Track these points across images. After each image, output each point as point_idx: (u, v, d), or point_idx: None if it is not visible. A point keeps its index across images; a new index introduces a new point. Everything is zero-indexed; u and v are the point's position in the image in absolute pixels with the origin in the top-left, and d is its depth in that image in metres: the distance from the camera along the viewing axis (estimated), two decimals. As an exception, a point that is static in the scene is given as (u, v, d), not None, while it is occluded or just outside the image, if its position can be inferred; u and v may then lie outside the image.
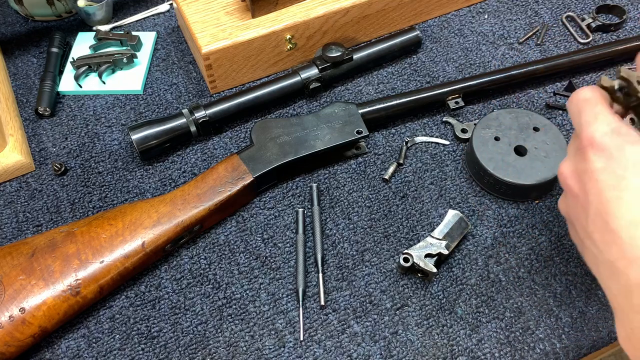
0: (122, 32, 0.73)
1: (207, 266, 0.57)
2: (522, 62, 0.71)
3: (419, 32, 0.70)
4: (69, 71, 0.71)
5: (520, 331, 0.52)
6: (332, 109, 0.63)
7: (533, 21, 0.75)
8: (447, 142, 0.64)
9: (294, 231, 0.58)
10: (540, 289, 0.54)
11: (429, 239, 0.55)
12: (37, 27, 0.77)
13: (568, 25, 0.74)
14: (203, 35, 0.64)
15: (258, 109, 0.66)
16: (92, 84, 0.70)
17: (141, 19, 0.77)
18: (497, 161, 0.58)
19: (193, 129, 0.63)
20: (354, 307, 0.54)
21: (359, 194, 0.61)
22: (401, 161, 0.63)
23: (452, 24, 0.75)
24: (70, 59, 0.71)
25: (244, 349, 0.52)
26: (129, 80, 0.70)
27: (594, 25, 0.73)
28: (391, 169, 0.62)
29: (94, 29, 0.76)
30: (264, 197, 0.61)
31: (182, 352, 0.52)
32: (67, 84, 0.70)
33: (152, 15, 0.78)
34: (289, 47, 0.68)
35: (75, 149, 0.65)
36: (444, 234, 0.55)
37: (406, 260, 0.54)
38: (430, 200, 0.60)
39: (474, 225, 0.58)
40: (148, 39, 0.74)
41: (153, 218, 0.55)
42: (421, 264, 0.53)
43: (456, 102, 0.65)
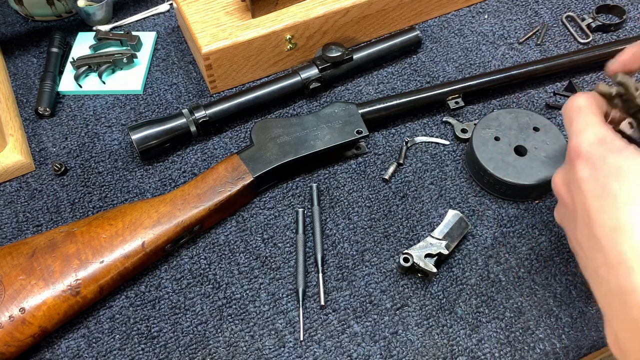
0: (122, 32, 0.73)
1: (207, 266, 0.57)
2: (522, 62, 0.70)
3: (419, 32, 0.70)
4: (69, 71, 0.71)
5: (520, 331, 0.52)
6: (332, 109, 0.63)
7: (533, 21, 0.75)
8: (447, 142, 0.64)
9: (294, 231, 0.58)
10: (540, 289, 0.54)
11: (429, 239, 0.55)
12: (37, 27, 0.77)
13: (568, 25, 0.74)
14: (203, 35, 0.65)
15: (258, 109, 0.66)
16: (92, 84, 0.70)
17: (141, 19, 0.77)
18: (497, 161, 0.58)
19: (193, 129, 0.63)
20: (354, 307, 0.54)
21: (359, 194, 0.61)
22: (401, 161, 0.63)
23: (452, 24, 0.75)
24: (70, 59, 0.71)
25: (244, 349, 0.52)
26: (129, 80, 0.70)
27: (594, 25, 0.73)
28: (391, 169, 0.62)
29: (94, 29, 0.76)
30: (264, 197, 0.61)
31: (182, 352, 0.52)
32: (67, 84, 0.70)
33: (152, 15, 0.78)
34: (289, 47, 0.68)
35: (75, 149, 0.65)
36: (444, 234, 0.55)
37: (406, 260, 0.54)
38: (430, 200, 0.60)
39: (474, 225, 0.58)
40: (148, 39, 0.74)
41: (153, 218, 0.55)
42: (421, 264, 0.53)
43: (456, 102, 0.65)
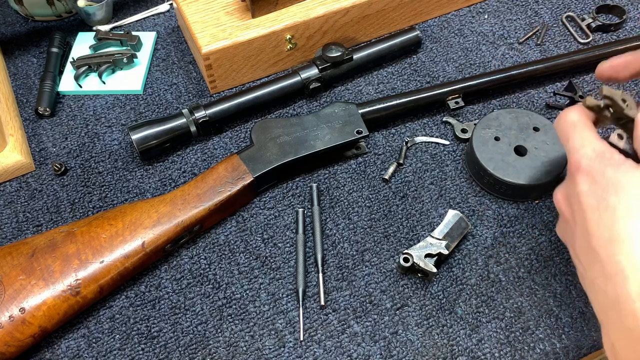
0: (122, 32, 0.73)
1: (207, 266, 0.57)
2: (522, 62, 0.70)
3: (419, 32, 0.70)
4: (69, 71, 0.71)
5: (520, 331, 0.52)
6: (332, 109, 0.63)
7: (533, 21, 0.75)
8: (447, 142, 0.64)
9: (294, 231, 0.58)
10: (540, 289, 0.54)
11: (429, 239, 0.55)
12: (37, 27, 0.77)
13: (568, 25, 0.74)
14: (203, 35, 0.64)
15: (258, 109, 0.66)
16: (92, 84, 0.70)
17: (141, 19, 0.77)
18: (497, 161, 0.58)
19: (193, 129, 0.63)
20: (354, 307, 0.54)
21: (359, 194, 0.61)
22: (401, 161, 0.62)
23: (452, 24, 0.75)
24: (70, 59, 0.71)
25: (244, 349, 0.52)
26: (129, 80, 0.70)
27: (594, 25, 0.73)
28: (391, 169, 0.62)
29: (94, 29, 0.76)
30: (264, 197, 0.61)
31: (182, 352, 0.52)
32: (67, 84, 0.70)
33: (152, 15, 0.78)
34: (289, 47, 0.68)
35: (75, 149, 0.65)
36: (444, 234, 0.55)
37: (406, 260, 0.54)
38: (430, 200, 0.60)
39: (474, 225, 0.58)
40: (148, 39, 0.74)
41: (153, 218, 0.55)
42: (421, 264, 0.53)
43: (456, 102, 0.65)
